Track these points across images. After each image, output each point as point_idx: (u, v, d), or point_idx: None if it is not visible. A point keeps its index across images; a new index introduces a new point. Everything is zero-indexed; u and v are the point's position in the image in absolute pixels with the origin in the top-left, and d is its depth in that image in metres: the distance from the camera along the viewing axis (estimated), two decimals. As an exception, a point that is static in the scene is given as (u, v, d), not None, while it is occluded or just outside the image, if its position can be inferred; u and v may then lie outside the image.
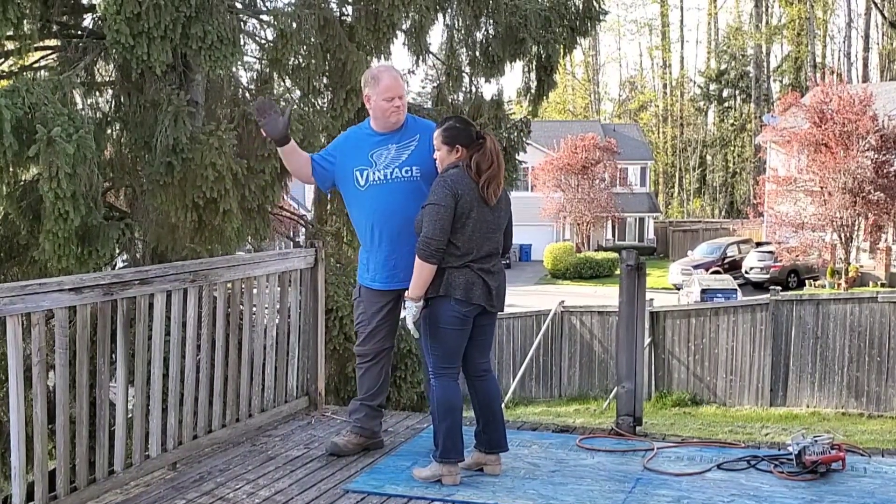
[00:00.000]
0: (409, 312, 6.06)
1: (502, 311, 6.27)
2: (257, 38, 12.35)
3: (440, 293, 5.94)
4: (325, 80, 11.76)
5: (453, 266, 5.91)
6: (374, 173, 6.51)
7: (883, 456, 6.64)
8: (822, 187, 38.79)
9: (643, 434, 7.30)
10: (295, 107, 6.60)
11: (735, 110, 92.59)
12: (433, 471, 6.03)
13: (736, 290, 35.96)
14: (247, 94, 12.19)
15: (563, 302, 26.88)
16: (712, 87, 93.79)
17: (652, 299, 23.99)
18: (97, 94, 11.88)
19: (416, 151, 6.46)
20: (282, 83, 12.67)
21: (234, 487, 6.05)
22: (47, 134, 8.61)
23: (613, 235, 64.40)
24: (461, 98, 13.32)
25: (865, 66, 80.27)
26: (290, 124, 6.67)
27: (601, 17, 13.34)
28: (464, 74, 13.25)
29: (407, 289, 5.98)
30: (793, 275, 44.13)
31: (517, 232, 6.54)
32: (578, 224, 59.31)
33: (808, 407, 22.22)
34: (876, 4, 74.26)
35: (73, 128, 8.91)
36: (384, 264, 6.49)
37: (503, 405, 23.71)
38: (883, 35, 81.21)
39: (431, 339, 6.06)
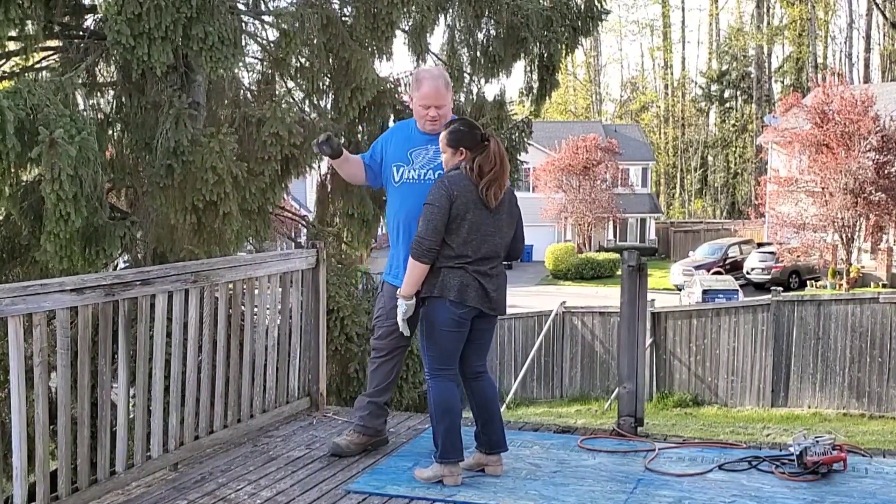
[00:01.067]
0: (400, 310, 6.10)
1: (502, 314, 6.24)
2: (259, 39, 12.36)
3: (435, 294, 5.95)
4: (327, 80, 11.77)
5: (448, 267, 5.92)
6: (409, 171, 6.55)
7: (884, 456, 6.64)
8: (823, 188, 38.79)
9: (644, 435, 7.30)
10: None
11: (736, 111, 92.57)
12: (434, 471, 6.04)
13: (737, 290, 35.90)
14: (248, 96, 12.19)
15: (564, 302, 26.86)
16: (714, 87, 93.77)
17: (653, 300, 23.95)
18: (98, 94, 11.90)
19: None
20: (284, 84, 12.67)
21: (235, 488, 6.05)
22: (49, 136, 8.62)
23: (615, 236, 64.36)
24: (463, 98, 13.33)
25: (867, 66, 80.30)
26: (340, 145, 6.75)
27: (603, 17, 13.35)
28: (465, 74, 13.26)
29: None
30: (794, 275, 44.10)
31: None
32: (580, 225, 59.29)
33: (809, 407, 22.21)
34: (877, 5, 74.30)
35: (75, 129, 8.93)
36: (407, 262, 6.50)
37: (504, 406, 23.74)
38: (884, 36, 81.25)
39: (427, 339, 6.08)
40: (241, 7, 11.76)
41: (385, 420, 6.93)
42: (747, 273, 46.25)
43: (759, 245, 49.35)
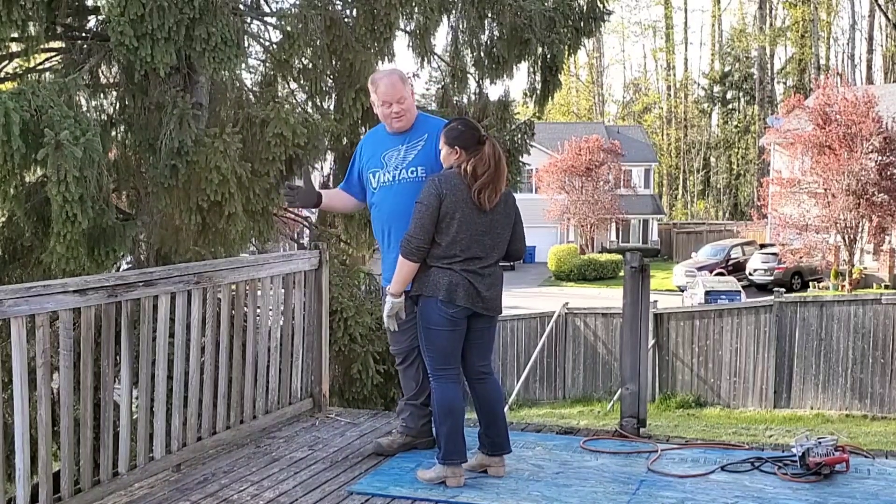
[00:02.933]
0: (386, 307, 6.16)
1: (497, 313, 6.21)
2: (261, 40, 12.36)
3: (426, 293, 5.97)
4: (330, 82, 11.77)
5: (437, 266, 5.94)
6: (384, 175, 6.55)
7: (887, 457, 6.64)
8: (825, 189, 38.82)
9: (647, 436, 7.29)
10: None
11: (739, 112, 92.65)
12: (437, 472, 6.04)
13: (740, 291, 35.91)
14: (251, 97, 12.20)
15: (567, 304, 26.87)
16: (716, 88, 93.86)
17: (656, 301, 23.97)
18: (101, 96, 11.90)
19: (423, 151, 6.45)
20: (287, 85, 12.67)
21: (238, 489, 6.05)
22: (55, 138, 8.63)
23: (617, 237, 64.41)
24: (466, 99, 13.33)
25: (869, 67, 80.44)
26: (310, 178, 6.84)
27: (605, 18, 13.34)
28: (469, 76, 13.25)
29: None
30: (796, 276, 44.12)
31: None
32: (582, 226, 59.32)
33: (811, 409, 22.20)
34: (880, 6, 74.28)
35: (79, 131, 8.94)
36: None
37: (507, 407, 23.73)
38: (887, 37, 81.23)
39: (425, 340, 6.10)
40: (243, 8, 11.76)
41: (428, 420, 6.86)
42: (750, 274, 46.27)
43: (762, 246, 49.35)
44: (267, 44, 12.28)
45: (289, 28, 11.02)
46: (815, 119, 39.61)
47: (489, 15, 12.69)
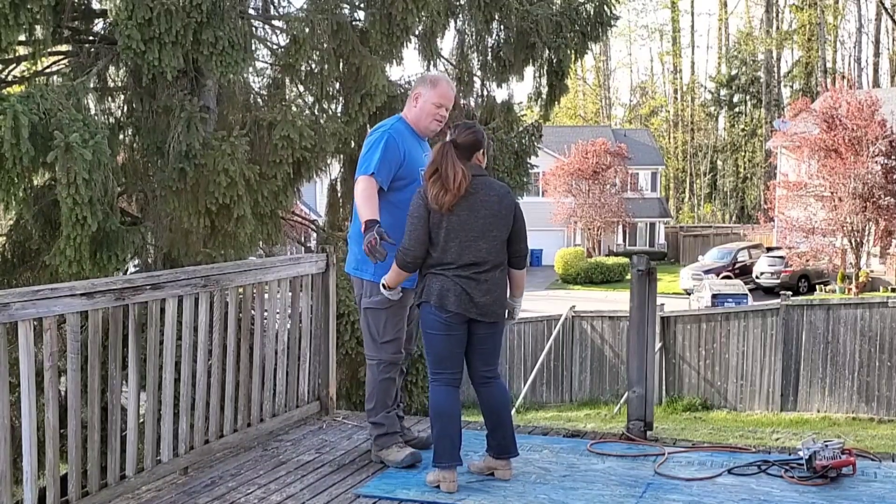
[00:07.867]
0: (385, 293, 6.24)
1: (493, 320, 6.12)
2: (269, 44, 12.38)
3: (423, 299, 6.02)
4: (337, 86, 11.78)
5: (431, 273, 5.99)
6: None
7: (893, 461, 6.63)
8: (832, 192, 38.75)
9: (654, 439, 7.29)
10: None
11: (746, 115, 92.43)
12: (433, 476, 6.05)
13: (746, 295, 35.85)
14: (258, 100, 12.21)
15: (573, 307, 26.85)
16: (723, 92, 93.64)
17: (663, 304, 23.92)
18: (109, 99, 11.92)
19: None
20: (294, 88, 12.69)
21: (245, 492, 6.06)
22: (65, 140, 8.64)
23: (624, 240, 64.33)
24: (473, 102, 13.34)
25: (876, 71, 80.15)
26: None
27: (612, 23, 13.35)
28: (475, 79, 13.26)
29: None
30: (803, 280, 44.04)
31: (528, 237, 6.46)
32: (589, 229, 59.30)
33: (818, 412, 22.18)
34: (886, 10, 74.22)
35: (88, 134, 8.96)
36: None
37: (514, 410, 23.71)
38: (893, 40, 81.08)
39: (425, 344, 6.16)
40: (251, 12, 11.78)
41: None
42: (757, 277, 46.18)
43: (769, 249, 49.24)
44: (274, 47, 12.30)
45: (295, 32, 11.02)
46: (822, 122, 39.56)
47: (496, 19, 12.72)
